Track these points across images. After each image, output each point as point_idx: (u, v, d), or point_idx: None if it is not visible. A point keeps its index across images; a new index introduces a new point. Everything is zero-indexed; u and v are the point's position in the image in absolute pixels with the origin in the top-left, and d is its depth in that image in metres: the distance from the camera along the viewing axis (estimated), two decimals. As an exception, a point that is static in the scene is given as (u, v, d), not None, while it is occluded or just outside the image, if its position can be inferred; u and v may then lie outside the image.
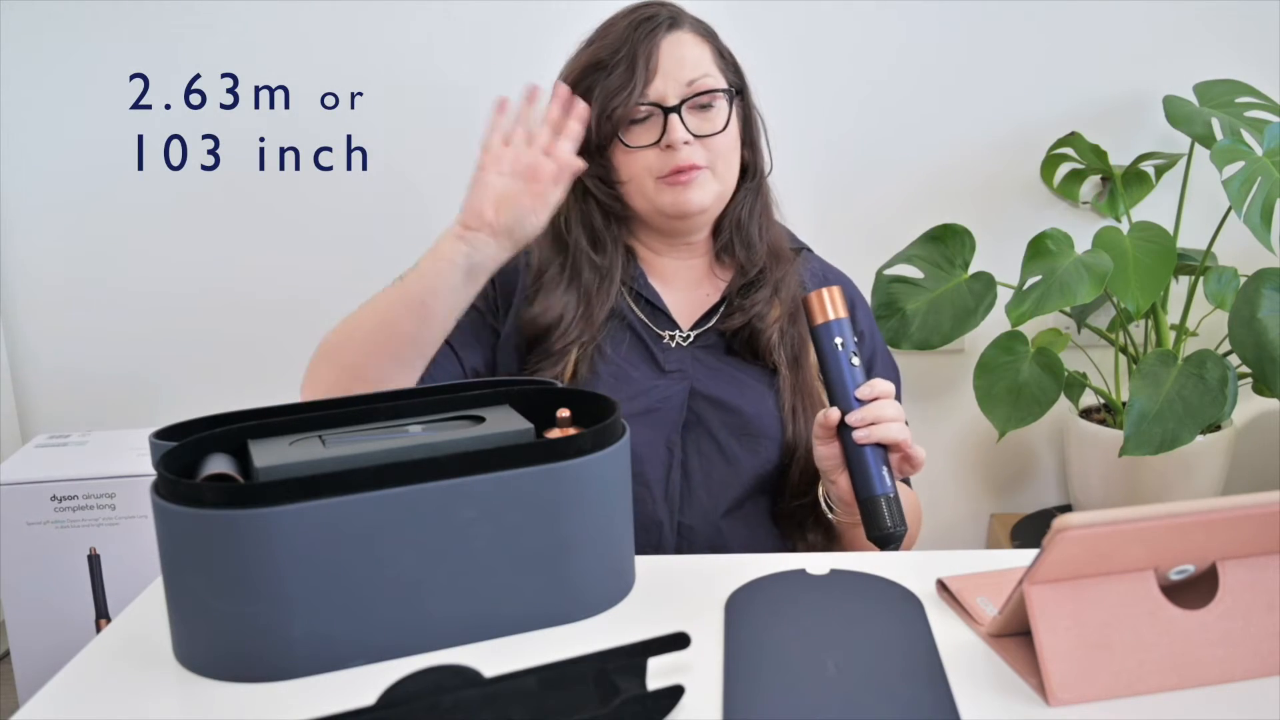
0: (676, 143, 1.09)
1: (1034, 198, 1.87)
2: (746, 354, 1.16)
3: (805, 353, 1.15)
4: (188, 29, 1.87)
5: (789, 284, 1.17)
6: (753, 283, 1.16)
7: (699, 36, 1.14)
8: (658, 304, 1.18)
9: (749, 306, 1.15)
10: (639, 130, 1.11)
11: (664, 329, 1.17)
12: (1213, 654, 0.65)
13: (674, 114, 1.09)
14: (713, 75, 1.12)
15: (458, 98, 1.86)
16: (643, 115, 1.11)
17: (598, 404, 0.83)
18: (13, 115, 1.91)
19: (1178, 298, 1.73)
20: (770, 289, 1.15)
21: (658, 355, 1.15)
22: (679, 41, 1.11)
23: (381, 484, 0.69)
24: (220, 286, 1.96)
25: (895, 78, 1.84)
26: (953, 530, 1.99)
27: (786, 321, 1.15)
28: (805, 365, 1.15)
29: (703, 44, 1.13)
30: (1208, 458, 1.65)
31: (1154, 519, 0.61)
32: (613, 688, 0.62)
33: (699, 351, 1.16)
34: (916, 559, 0.84)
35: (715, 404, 1.13)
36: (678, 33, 1.12)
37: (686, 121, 1.10)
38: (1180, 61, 1.77)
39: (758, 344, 1.14)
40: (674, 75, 1.10)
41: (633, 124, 1.11)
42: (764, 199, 1.20)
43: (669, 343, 1.17)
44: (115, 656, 0.74)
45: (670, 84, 1.10)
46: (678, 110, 1.09)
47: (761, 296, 1.15)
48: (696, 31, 1.14)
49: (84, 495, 1.48)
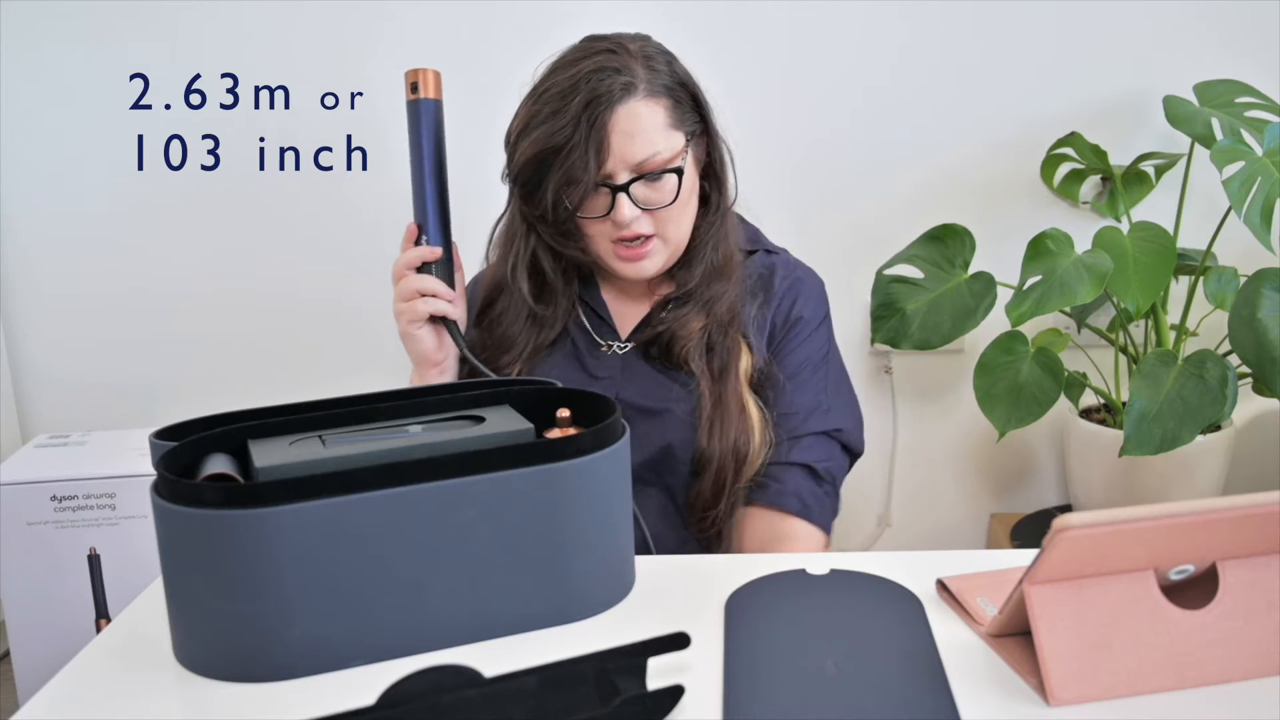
0: (624, 221, 1.10)
1: (1034, 198, 1.87)
2: (664, 361, 1.17)
3: (733, 368, 1.15)
4: (187, 29, 1.87)
5: (725, 299, 1.17)
6: (686, 295, 1.18)
7: (651, 100, 1.10)
8: (604, 315, 1.21)
9: (671, 319, 1.17)
10: (591, 202, 1.12)
11: (605, 338, 1.20)
12: (1213, 654, 0.65)
13: (622, 193, 1.09)
14: (665, 147, 1.10)
15: (458, 97, 1.86)
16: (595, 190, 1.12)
17: (598, 404, 0.83)
18: (13, 115, 1.91)
19: (1178, 298, 1.73)
20: (699, 304, 1.16)
21: (589, 363, 1.18)
22: (631, 114, 1.08)
23: (381, 484, 0.69)
24: (220, 286, 1.96)
25: (895, 78, 1.84)
26: (953, 530, 1.99)
27: (717, 333, 1.16)
28: (730, 380, 1.14)
29: (656, 107, 1.10)
30: (1208, 458, 1.65)
31: (1154, 519, 0.61)
32: (613, 688, 0.62)
33: (629, 359, 1.19)
34: (916, 559, 0.84)
35: (636, 410, 1.15)
36: (630, 103, 1.08)
37: (635, 195, 1.10)
38: (1180, 61, 1.77)
39: (673, 350, 1.15)
40: (623, 155, 1.08)
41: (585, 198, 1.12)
42: (722, 228, 1.19)
43: (606, 350, 1.19)
44: (115, 656, 0.74)
45: (619, 163, 1.09)
46: (625, 189, 1.09)
47: (687, 310, 1.16)
48: (649, 94, 1.10)
49: (84, 495, 1.48)
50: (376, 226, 1.91)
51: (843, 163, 1.87)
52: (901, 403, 1.94)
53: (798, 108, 1.85)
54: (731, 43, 1.82)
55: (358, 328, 1.93)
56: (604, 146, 1.08)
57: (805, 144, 1.85)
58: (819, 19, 1.82)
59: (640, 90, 1.09)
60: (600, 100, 1.08)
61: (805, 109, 1.85)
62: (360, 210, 1.92)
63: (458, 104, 1.87)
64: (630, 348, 1.20)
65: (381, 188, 1.90)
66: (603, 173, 1.09)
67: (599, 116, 1.07)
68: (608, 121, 1.08)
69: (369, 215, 1.91)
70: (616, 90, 1.08)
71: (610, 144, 1.08)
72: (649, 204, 1.11)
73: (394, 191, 1.89)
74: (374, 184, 1.90)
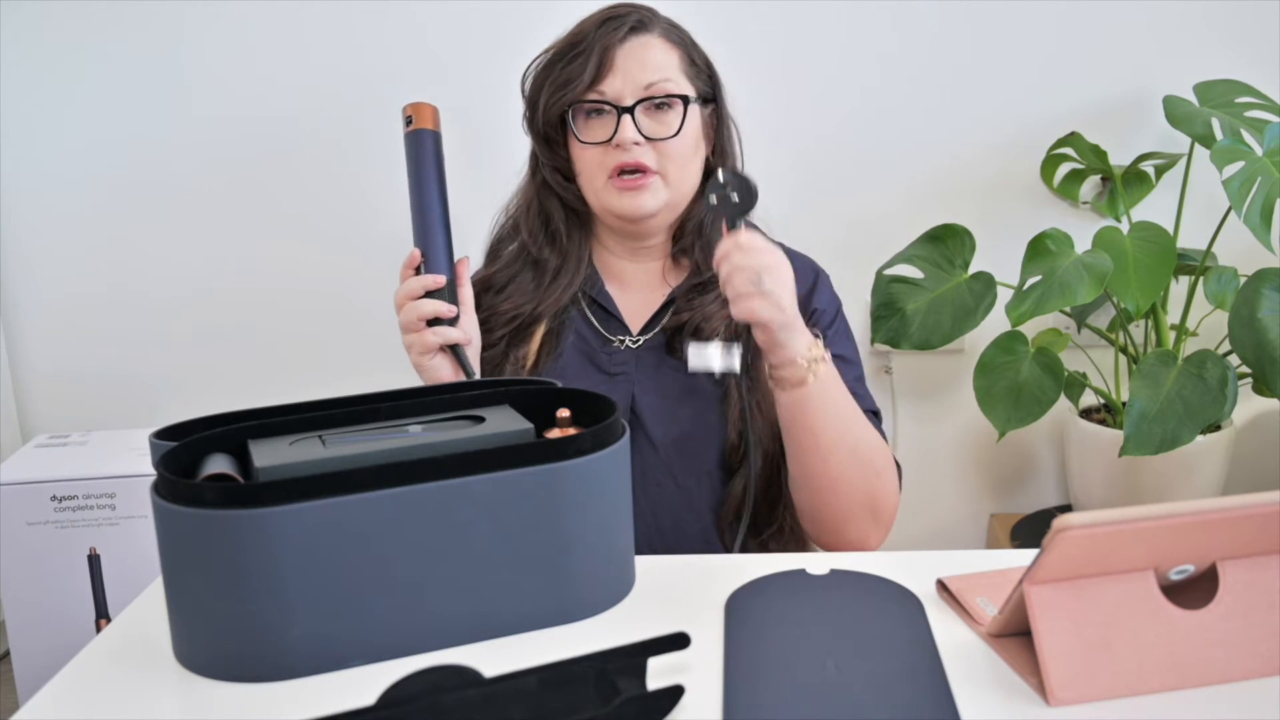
0: (625, 142, 1.10)
1: (1034, 198, 1.86)
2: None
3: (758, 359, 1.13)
4: (187, 29, 1.87)
5: None
6: (704, 284, 1.16)
7: (668, 42, 1.13)
8: (611, 309, 1.20)
9: (695, 307, 1.15)
10: (593, 125, 1.12)
11: (615, 334, 1.19)
12: (1213, 654, 0.65)
13: (627, 114, 1.10)
14: (674, 80, 1.12)
15: (459, 96, 1.86)
16: (597, 110, 1.12)
17: (598, 404, 0.83)
18: (13, 115, 1.91)
19: (1178, 298, 1.73)
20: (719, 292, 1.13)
21: (601, 360, 1.17)
22: (644, 44, 1.12)
23: (381, 484, 0.69)
24: (221, 286, 1.96)
25: (895, 77, 1.84)
26: (953, 530, 1.99)
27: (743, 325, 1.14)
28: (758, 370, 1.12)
29: (671, 50, 1.13)
30: (1208, 458, 1.65)
31: (1154, 519, 0.61)
32: (613, 688, 0.62)
33: (644, 354, 1.17)
34: (916, 559, 0.84)
35: (655, 407, 1.14)
36: (644, 36, 1.12)
37: (641, 123, 1.11)
38: (1180, 61, 1.77)
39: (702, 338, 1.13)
40: (632, 76, 1.10)
41: (589, 118, 1.13)
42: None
43: (618, 346, 1.18)
44: (115, 656, 0.74)
45: (627, 84, 1.10)
46: (630, 110, 1.10)
47: (710, 299, 1.15)
48: (667, 37, 1.13)
49: (84, 495, 1.48)
50: (379, 225, 1.91)
51: (842, 162, 1.87)
52: (901, 403, 1.94)
53: (797, 107, 1.85)
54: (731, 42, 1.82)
55: (358, 327, 1.93)
56: (608, 58, 1.10)
57: (805, 143, 1.85)
58: (818, 18, 1.82)
59: (656, 30, 1.14)
60: (617, 20, 1.12)
61: (805, 108, 1.85)
62: (362, 209, 1.91)
63: (460, 102, 1.87)
64: (643, 342, 1.18)
65: (382, 187, 1.90)
66: (608, 91, 1.10)
67: (613, 31, 1.11)
68: (618, 42, 1.11)
69: (370, 214, 1.91)
70: (631, 20, 1.12)
71: (617, 61, 1.10)
72: (653, 134, 1.11)
73: (395, 191, 1.89)
74: (375, 184, 1.90)
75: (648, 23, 1.13)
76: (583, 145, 1.13)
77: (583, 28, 1.13)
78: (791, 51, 1.84)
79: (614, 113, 1.10)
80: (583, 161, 1.14)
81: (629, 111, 1.10)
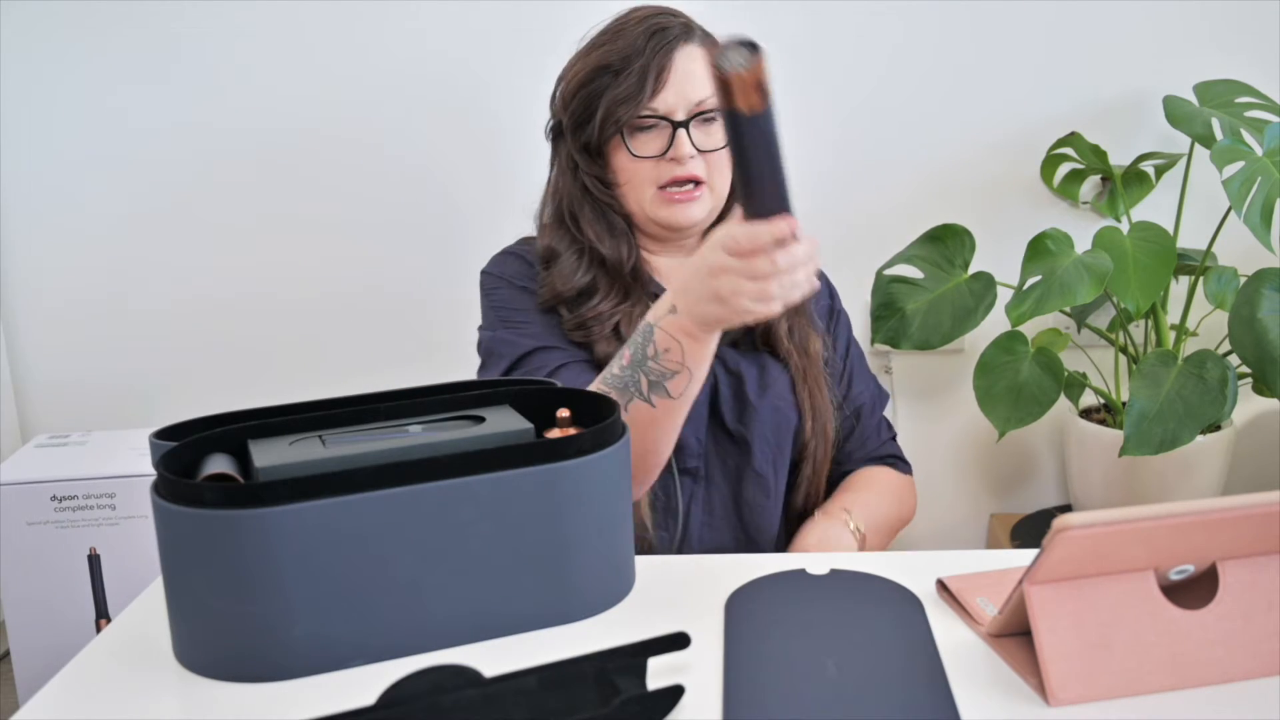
0: (683, 157, 1.12)
1: (1034, 198, 1.86)
2: (757, 345, 1.18)
3: (811, 342, 1.18)
4: (188, 29, 1.87)
5: None
6: None
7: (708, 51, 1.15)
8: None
9: None
10: (645, 139, 1.13)
11: None
12: (1213, 654, 0.65)
13: (682, 129, 1.12)
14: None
15: (461, 97, 1.86)
16: (649, 125, 1.13)
17: (598, 404, 0.83)
18: (13, 116, 1.91)
19: (1178, 298, 1.73)
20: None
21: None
22: (690, 56, 1.13)
23: (381, 484, 0.69)
24: (220, 286, 1.96)
25: (895, 78, 1.84)
26: (953, 530, 1.99)
27: (793, 314, 1.17)
28: (814, 355, 1.18)
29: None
30: (1208, 458, 1.65)
31: (1154, 519, 0.61)
32: (613, 688, 0.62)
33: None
34: (916, 559, 0.84)
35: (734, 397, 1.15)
36: (689, 46, 1.13)
37: (694, 137, 1.12)
38: (1180, 61, 1.77)
39: (771, 335, 1.17)
40: (684, 91, 1.12)
41: (639, 132, 1.13)
42: None
43: None
44: (115, 656, 0.74)
45: (680, 99, 1.12)
46: (685, 125, 1.12)
47: None
48: (705, 46, 1.15)
49: (84, 495, 1.48)
50: (377, 227, 1.91)
51: (842, 162, 1.87)
52: (901, 403, 1.94)
53: (797, 107, 1.84)
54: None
55: (358, 328, 1.93)
56: (665, 73, 1.11)
57: (805, 144, 1.85)
58: (817, 19, 1.82)
59: (698, 38, 1.15)
60: (664, 33, 1.12)
61: (805, 108, 1.85)
62: (361, 211, 1.91)
63: (461, 103, 1.87)
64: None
65: (382, 188, 1.90)
66: (661, 106, 1.11)
67: (663, 46, 1.11)
68: (671, 52, 1.11)
69: (370, 216, 1.91)
70: (678, 28, 1.13)
71: (670, 75, 1.11)
72: (704, 146, 1.13)
73: (395, 192, 1.90)
74: (375, 184, 1.90)
75: (690, 31, 1.15)
76: (635, 159, 1.14)
77: (625, 35, 1.13)
78: (793, 52, 1.84)
79: (667, 126, 1.12)
80: (631, 174, 1.15)
81: (684, 126, 1.12)
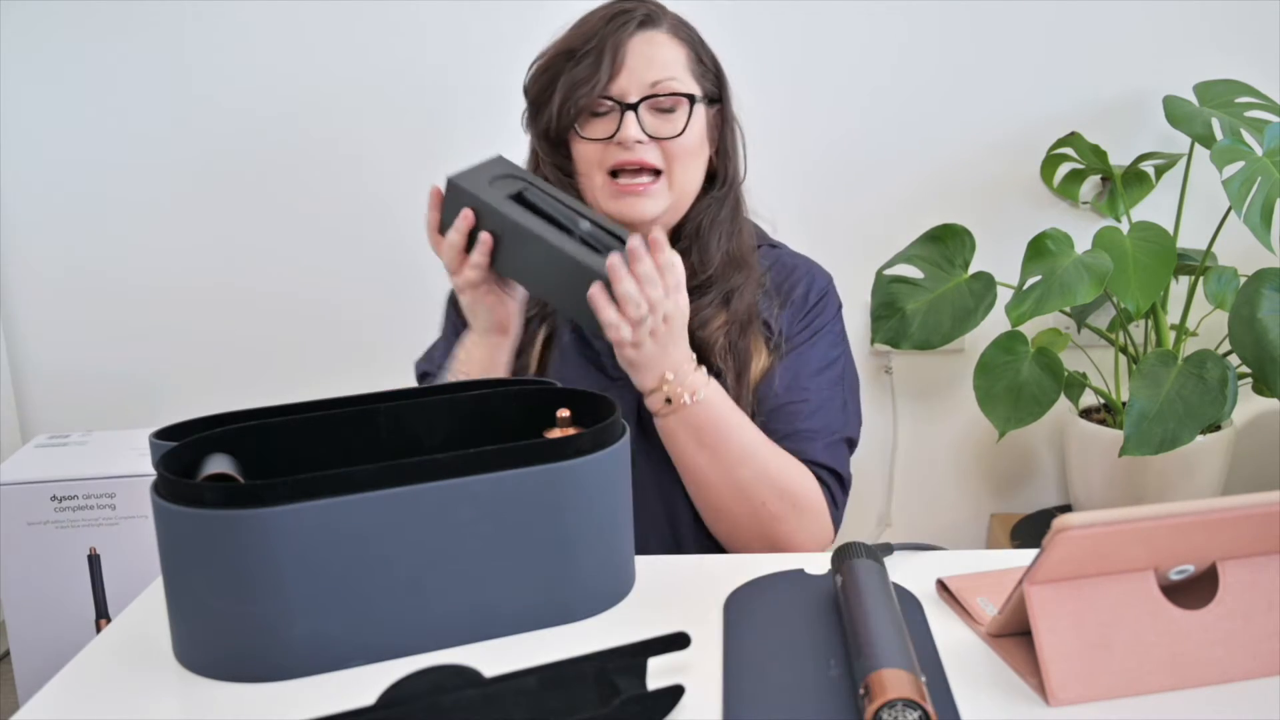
0: (628, 140, 1.07)
1: (1034, 198, 1.86)
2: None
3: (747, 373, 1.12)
4: (188, 27, 1.87)
5: (745, 294, 1.13)
6: (701, 286, 1.13)
7: (675, 39, 1.12)
8: None
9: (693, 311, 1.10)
10: (597, 123, 1.10)
11: None
12: (1213, 654, 0.65)
13: (630, 111, 1.08)
14: (680, 79, 1.10)
15: (459, 96, 1.87)
16: (603, 110, 1.09)
17: (598, 404, 0.83)
18: (13, 115, 1.91)
19: (1178, 298, 1.73)
20: (718, 295, 1.12)
21: (605, 362, 1.14)
22: (650, 40, 1.10)
23: (381, 484, 0.69)
24: (220, 286, 1.96)
25: (895, 78, 1.84)
26: (953, 530, 1.99)
27: (736, 331, 1.12)
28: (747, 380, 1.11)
29: (678, 46, 1.11)
30: (1208, 458, 1.65)
31: (1154, 519, 0.61)
32: (613, 688, 0.62)
33: None
34: (917, 559, 0.84)
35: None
36: (651, 31, 1.10)
37: (645, 122, 1.08)
38: (1180, 61, 1.77)
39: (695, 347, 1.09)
40: (638, 73, 1.08)
41: (594, 117, 1.10)
42: (732, 207, 1.16)
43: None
44: (115, 656, 0.74)
45: (633, 81, 1.08)
46: (634, 108, 1.08)
47: (707, 302, 1.12)
48: (674, 34, 1.12)
49: (84, 495, 1.48)
50: (377, 225, 1.91)
51: (842, 163, 1.87)
52: (901, 403, 1.94)
53: (797, 108, 1.85)
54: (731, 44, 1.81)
55: (358, 328, 1.93)
56: (619, 56, 1.08)
57: (804, 144, 1.85)
58: (818, 19, 1.82)
59: (664, 26, 1.12)
60: (624, 16, 1.10)
61: (805, 109, 1.85)
62: (361, 209, 1.91)
63: (460, 102, 1.87)
64: None
65: (382, 186, 1.90)
66: (614, 89, 1.08)
67: (619, 30, 1.09)
68: (626, 38, 1.09)
69: (370, 214, 1.91)
70: (639, 15, 1.10)
71: (625, 58, 1.08)
72: (657, 132, 1.09)
73: (395, 190, 1.89)
74: (375, 182, 1.90)
75: (656, 18, 1.11)
76: (584, 141, 1.10)
77: (589, 23, 1.11)
78: (794, 52, 1.84)
79: (618, 110, 1.08)
80: (582, 159, 1.12)
81: (633, 109, 1.08)
